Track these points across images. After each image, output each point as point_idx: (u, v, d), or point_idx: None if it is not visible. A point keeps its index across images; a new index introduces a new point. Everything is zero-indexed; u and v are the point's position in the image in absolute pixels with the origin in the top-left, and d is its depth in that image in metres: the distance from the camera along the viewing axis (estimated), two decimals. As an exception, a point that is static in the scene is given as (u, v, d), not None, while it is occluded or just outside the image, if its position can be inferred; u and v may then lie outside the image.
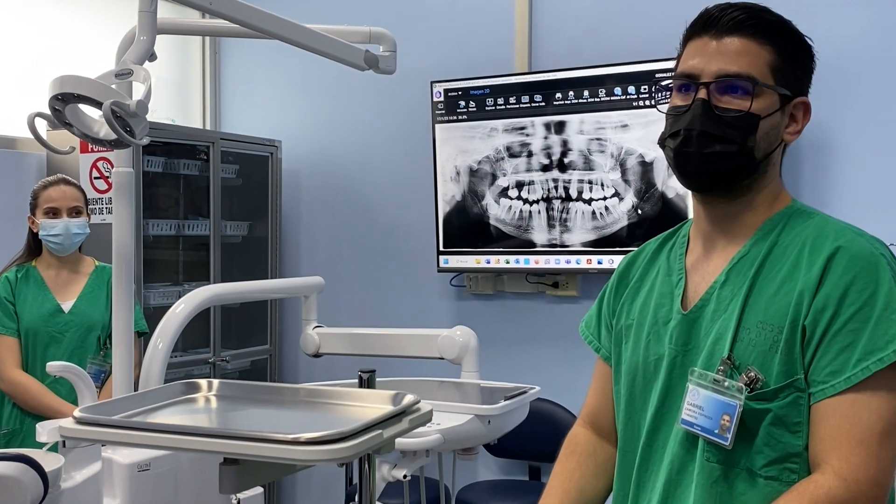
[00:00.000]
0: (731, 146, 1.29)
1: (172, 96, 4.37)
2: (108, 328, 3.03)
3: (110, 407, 1.24)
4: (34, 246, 3.03)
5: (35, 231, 2.99)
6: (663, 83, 1.42)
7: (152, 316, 3.55)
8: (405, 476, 2.34)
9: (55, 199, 2.96)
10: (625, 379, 1.44)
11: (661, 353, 1.37)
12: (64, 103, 1.90)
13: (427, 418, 1.26)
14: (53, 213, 2.95)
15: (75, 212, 2.98)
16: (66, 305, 2.99)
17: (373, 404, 1.28)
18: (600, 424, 1.54)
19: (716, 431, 1.26)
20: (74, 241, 2.99)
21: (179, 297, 3.77)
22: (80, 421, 1.13)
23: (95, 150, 3.49)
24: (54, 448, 1.85)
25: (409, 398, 1.26)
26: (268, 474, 1.21)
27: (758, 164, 1.31)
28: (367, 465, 1.41)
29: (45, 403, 2.88)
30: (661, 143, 1.37)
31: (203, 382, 1.39)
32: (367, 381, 1.43)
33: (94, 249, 3.21)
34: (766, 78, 1.29)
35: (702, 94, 1.30)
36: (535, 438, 3.31)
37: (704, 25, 1.33)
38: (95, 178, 3.57)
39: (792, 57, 1.32)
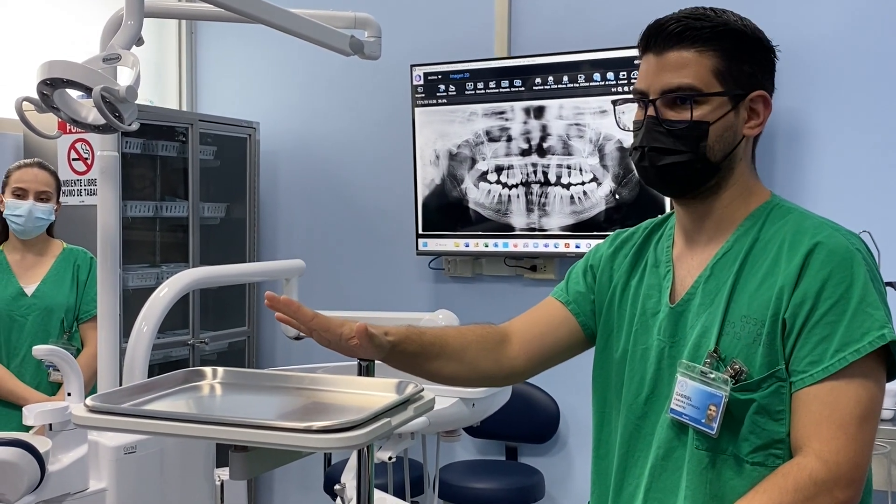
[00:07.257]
0: (682, 156, 1.35)
1: (149, 77, 4.32)
2: (73, 311, 3.01)
3: (119, 395, 1.26)
4: (2, 227, 3.00)
5: (1, 210, 2.97)
6: (617, 102, 1.49)
7: (130, 298, 3.55)
8: (390, 458, 2.38)
9: (25, 180, 2.93)
10: (616, 367, 1.48)
11: (650, 344, 1.43)
12: (52, 88, 1.89)
13: (429, 406, 1.29)
14: (20, 193, 2.93)
15: (43, 197, 2.95)
16: (30, 289, 2.96)
17: (377, 392, 1.31)
18: (516, 337, 1.57)
19: (703, 421, 1.31)
20: (37, 226, 2.95)
21: (157, 278, 3.82)
22: (92, 409, 1.15)
23: (73, 131, 3.46)
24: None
25: (411, 387, 1.29)
26: (276, 460, 1.23)
27: (717, 166, 1.36)
28: (365, 451, 1.44)
29: (8, 388, 2.86)
30: (630, 155, 1.44)
31: (208, 370, 1.41)
32: (365, 369, 1.46)
33: (70, 231, 3.18)
34: (711, 84, 1.34)
35: (650, 111, 1.37)
36: (512, 419, 3.37)
37: (647, 43, 1.39)
38: (74, 159, 3.55)
39: (738, 56, 1.36)
